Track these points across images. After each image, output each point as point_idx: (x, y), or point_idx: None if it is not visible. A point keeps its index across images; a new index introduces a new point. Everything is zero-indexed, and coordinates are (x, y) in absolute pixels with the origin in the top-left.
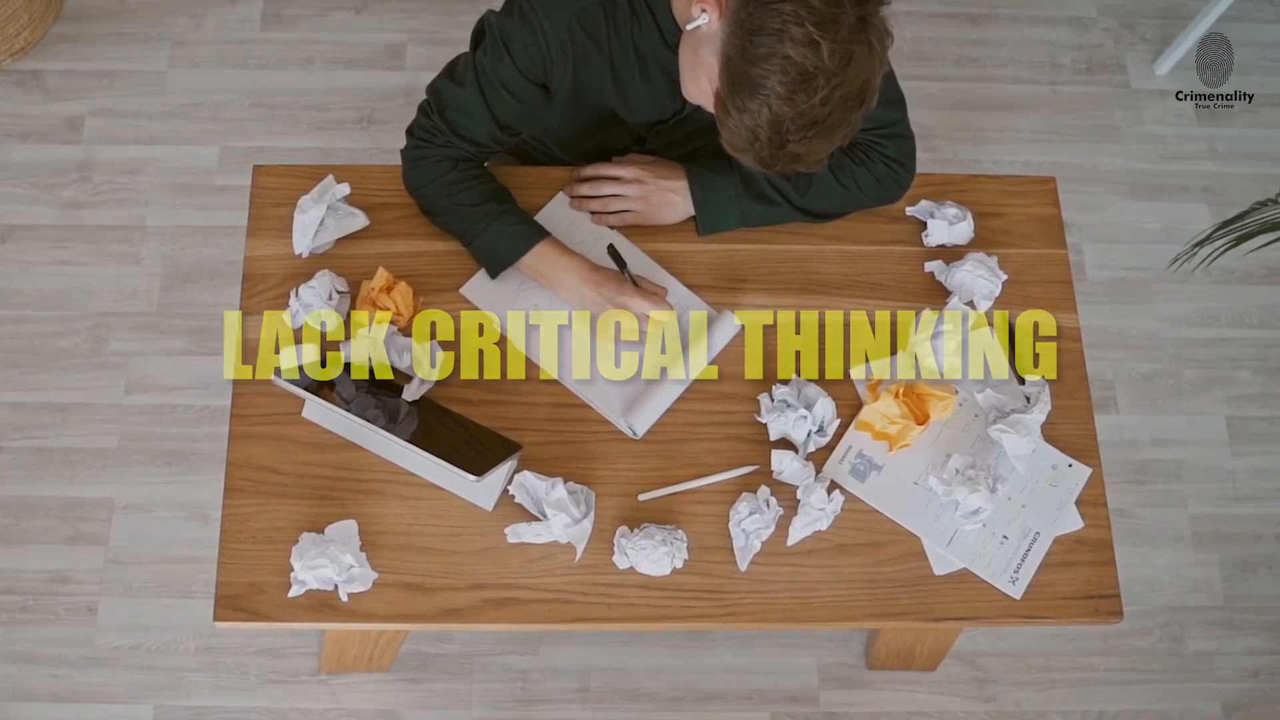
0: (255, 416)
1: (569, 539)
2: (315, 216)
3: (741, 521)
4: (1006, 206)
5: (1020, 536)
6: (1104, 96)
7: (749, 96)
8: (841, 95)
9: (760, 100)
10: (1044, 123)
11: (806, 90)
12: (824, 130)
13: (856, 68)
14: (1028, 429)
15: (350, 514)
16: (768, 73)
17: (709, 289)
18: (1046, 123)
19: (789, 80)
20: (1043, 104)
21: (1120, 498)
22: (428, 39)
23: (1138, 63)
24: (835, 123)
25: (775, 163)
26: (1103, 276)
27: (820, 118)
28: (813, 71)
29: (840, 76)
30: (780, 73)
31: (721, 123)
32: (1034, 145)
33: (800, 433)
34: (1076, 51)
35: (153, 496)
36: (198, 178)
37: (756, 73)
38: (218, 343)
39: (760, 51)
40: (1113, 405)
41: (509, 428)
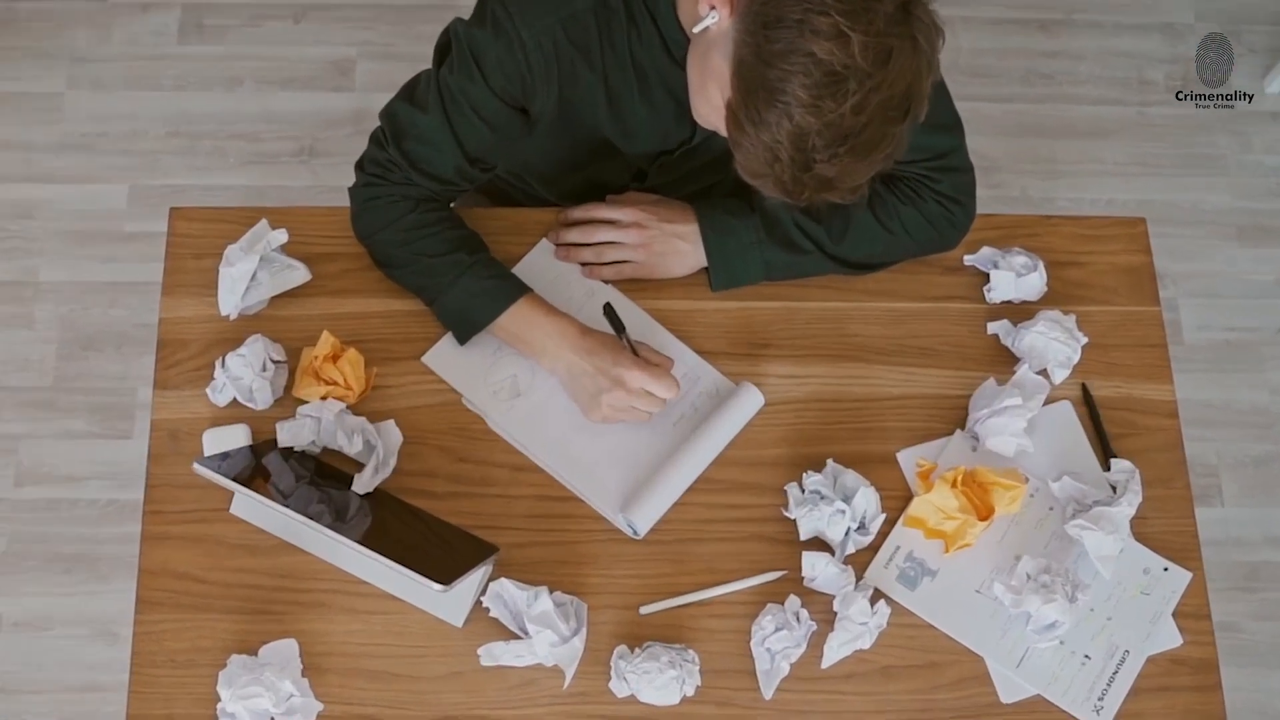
0: (173, 513)
1: (556, 661)
2: (246, 270)
3: (766, 639)
4: (1086, 254)
5: (1105, 656)
6: (1204, 120)
7: (766, 105)
8: (879, 102)
9: (779, 110)
10: (1131, 152)
11: (835, 94)
12: (858, 147)
13: (897, 68)
14: (1114, 525)
15: (289, 632)
16: (787, 74)
17: (725, 356)
18: (1134, 152)
19: (813, 83)
20: (1129, 129)
21: (1227, 608)
22: (380, 53)
23: (1245, 79)
24: (872, 138)
25: (801, 190)
26: (1203, 339)
27: (853, 130)
28: (841, 71)
29: (876, 78)
30: (802, 73)
31: (735, 143)
32: (1119, 180)
33: (837, 531)
34: (1170, 65)
35: (48, 610)
36: (102, 223)
37: (774, 74)
38: (128, 422)
39: (778, 48)
40: (1217, 496)
41: (482, 525)
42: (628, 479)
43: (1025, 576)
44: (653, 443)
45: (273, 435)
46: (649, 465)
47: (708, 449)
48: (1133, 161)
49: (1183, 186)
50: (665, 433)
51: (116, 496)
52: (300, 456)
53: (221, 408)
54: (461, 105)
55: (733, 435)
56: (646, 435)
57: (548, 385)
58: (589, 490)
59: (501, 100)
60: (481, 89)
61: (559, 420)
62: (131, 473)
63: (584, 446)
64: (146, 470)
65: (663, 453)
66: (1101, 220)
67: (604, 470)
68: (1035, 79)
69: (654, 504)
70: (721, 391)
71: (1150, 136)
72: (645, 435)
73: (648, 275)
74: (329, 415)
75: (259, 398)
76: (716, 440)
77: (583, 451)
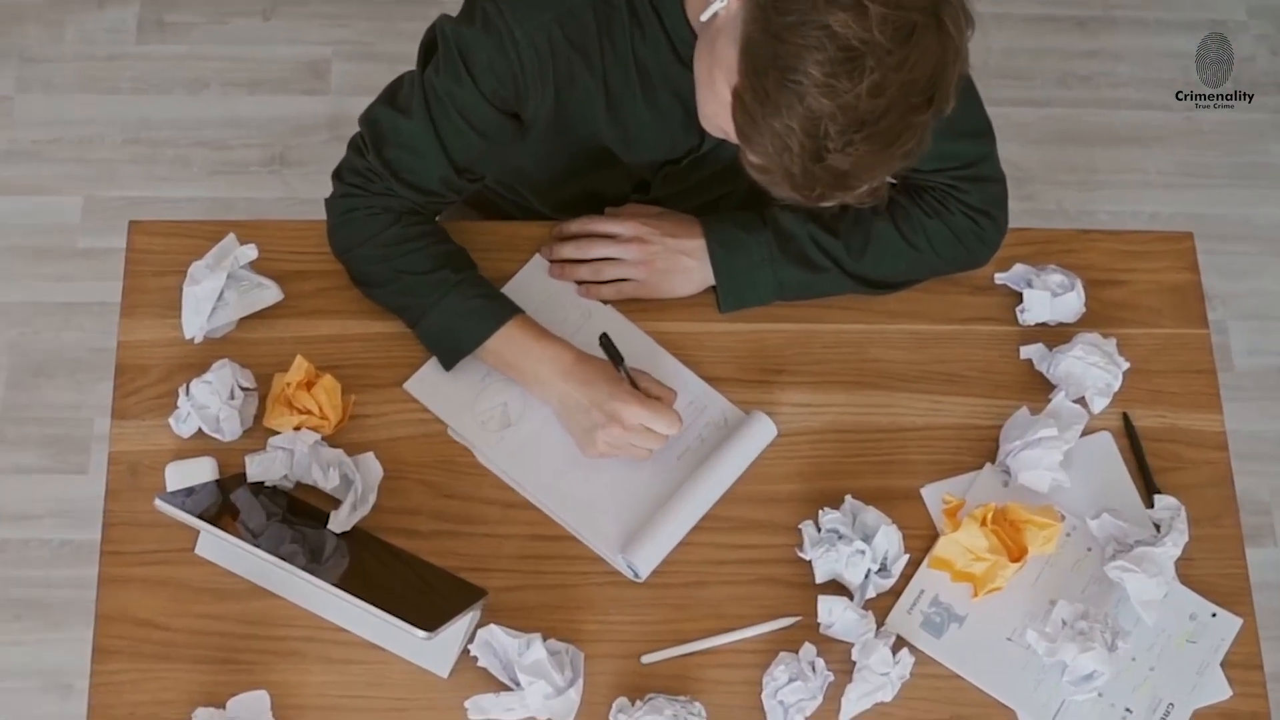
0: (133, 554)
1: (550, 715)
2: (212, 289)
3: (779, 691)
4: (1128, 272)
5: (1148, 709)
6: (1257, 126)
7: (776, 86)
8: (899, 85)
9: (790, 91)
10: (1176, 161)
11: (851, 73)
12: (876, 135)
13: (919, 49)
14: (1158, 567)
15: (260, 683)
16: (800, 50)
17: (735, 382)
18: (1180, 161)
19: (827, 58)
20: (1175, 136)
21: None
22: (358, 53)
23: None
24: (891, 126)
25: (813, 186)
26: (1255, 365)
27: (870, 115)
28: (859, 47)
29: (897, 56)
30: (816, 48)
31: (743, 135)
32: (1163, 191)
33: (856, 573)
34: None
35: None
36: (54, 238)
37: (785, 50)
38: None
39: (789, 20)
40: (1269, 535)
41: (470, 567)
42: (628, 517)
43: (1061, 623)
44: (656, 478)
45: (241, 469)
46: (652, 502)
47: (715, 484)
48: (1179, 171)
49: (1234, 200)
50: (669, 467)
51: (71, 536)
52: (272, 492)
53: (186, 439)
54: (448, 110)
55: (742, 469)
56: (649, 470)
57: (540, 414)
58: (586, 529)
59: (492, 105)
60: (470, 92)
61: (553, 453)
62: (87, 511)
63: (580, 481)
64: (104, 507)
65: (666, 488)
66: (1144, 235)
67: (602, 507)
68: (1073, 81)
69: (656, 544)
70: (730, 421)
71: (1198, 144)
72: (647, 470)
73: (650, 294)
74: (303, 447)
75: (226, 428)
76: (725, 475)
77: (579, 487)
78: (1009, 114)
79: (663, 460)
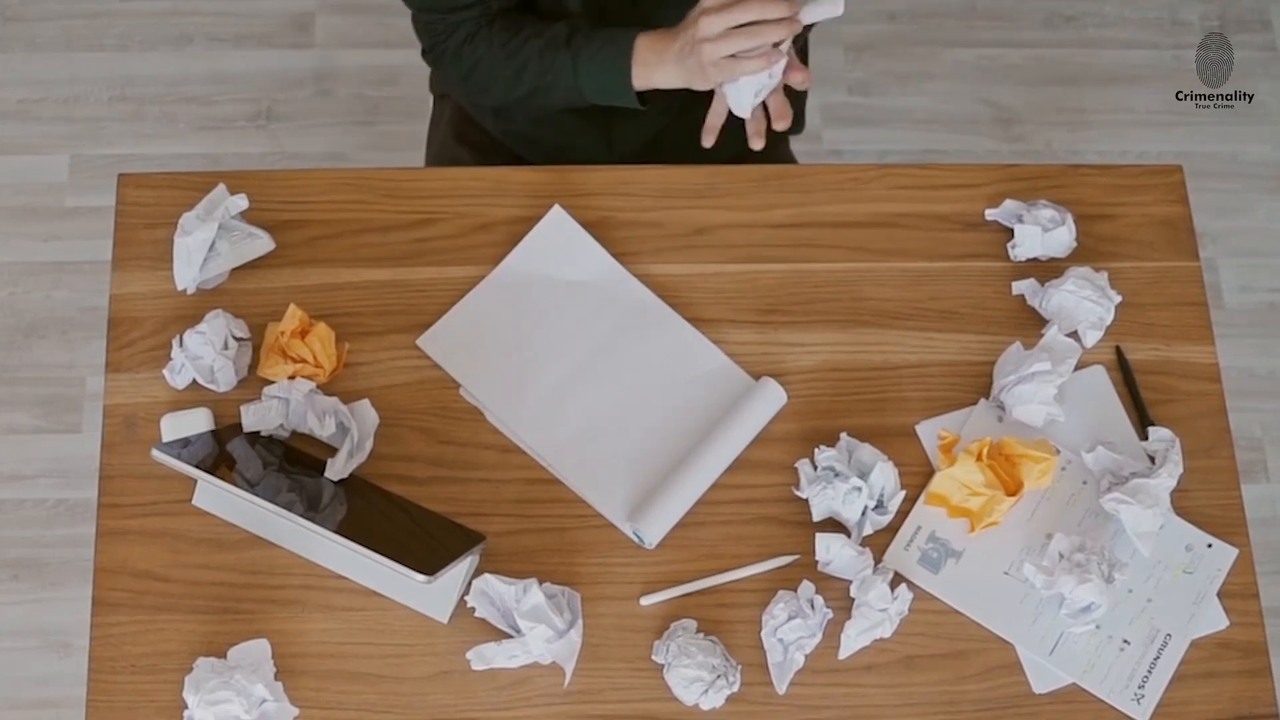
0: (131, 507)
1: (554, 658)
2: (203, 239)
3: (778, 629)
4: (1118, 206)
5: (1146, 640)
6: (1245, 64)
7: None
8: None
9: None
10: (1165, 99)
11: None
12: None
13: None
14: (1153, 498)
15: (261, 632)
16: None
17: (728, 324)
18: (1168, 100)
19: None
20: (1163, 75)
21: (1274, 592)
22: (343, 6)
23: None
24: None
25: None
26: (1246, 302)
27: None
28: None
29: None
30: None
31: None
32: (1151, 130)
33: (853, 510)
34: (1207, 4)
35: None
36: (41, 197)
37: None
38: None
39: None
40: (1262, 471)
41: (468, 513)
42: (637, 485)
43: (1058, 556)
44: (666, 446)
45: (237, 419)
46: (660, 472)
47: (724, 453)
48: (1167, 110)
49: (1222, 137)
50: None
51: (66, 495)
52: (268, 441)
53: (180, 390)
54: None
55: (751, 437)
56: (660, 437)
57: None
58: (596, 497)
59: None
60: None
61: (566, 418)
62: (82, 469)
63: (593, 448)
64: (100, 460)
65: (675, 457)
66: (1134, 169)
67: (613, 475)
68: (1059, 22)
69: (665, 513)
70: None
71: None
72: (658, 437)
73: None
74: (298, 396)
75: (221, 379)
76: (733, 443)
77: (591, 453)
78: (996, 55)
79: (673, 430)
